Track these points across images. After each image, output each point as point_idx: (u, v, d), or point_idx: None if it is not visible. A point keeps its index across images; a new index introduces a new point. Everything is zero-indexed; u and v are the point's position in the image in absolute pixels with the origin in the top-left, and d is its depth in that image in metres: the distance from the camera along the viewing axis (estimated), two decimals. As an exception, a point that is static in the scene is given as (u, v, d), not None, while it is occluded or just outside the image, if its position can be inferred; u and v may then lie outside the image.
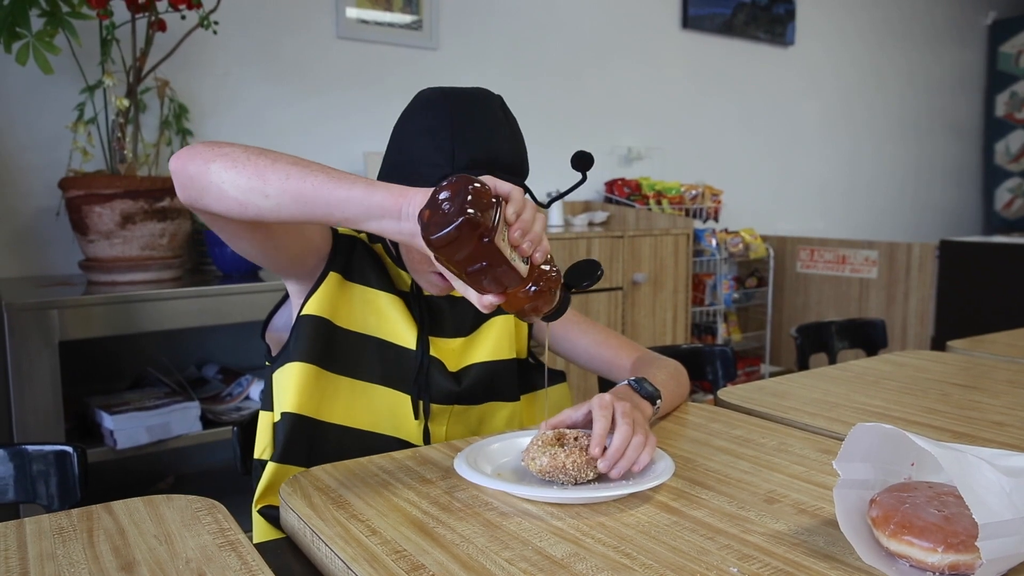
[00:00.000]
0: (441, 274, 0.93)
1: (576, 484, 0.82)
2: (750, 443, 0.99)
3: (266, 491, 1.00)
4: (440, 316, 1.08)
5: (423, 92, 1.00)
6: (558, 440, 0.86)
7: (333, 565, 0.70)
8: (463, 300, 1.08)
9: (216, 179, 0.79)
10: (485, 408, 1.09)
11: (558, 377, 1.21)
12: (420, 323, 1.04)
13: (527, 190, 0.95)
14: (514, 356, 1.12)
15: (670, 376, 1.09)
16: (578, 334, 1.18)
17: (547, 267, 0.78)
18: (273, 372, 1.02)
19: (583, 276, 0.90)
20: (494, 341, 1.10)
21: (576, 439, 0.85)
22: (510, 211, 0.73)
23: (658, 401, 1.00)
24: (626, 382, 1.00)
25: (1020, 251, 3.35)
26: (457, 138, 0.93)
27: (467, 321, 1.10)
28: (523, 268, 0.74)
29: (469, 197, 0.68)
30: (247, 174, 0.77)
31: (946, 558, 0.61)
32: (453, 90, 0.98)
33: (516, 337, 1.14)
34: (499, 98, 1.00)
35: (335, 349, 1.01)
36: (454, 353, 1.08)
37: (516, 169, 0.97)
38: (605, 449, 0.82)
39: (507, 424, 1.10)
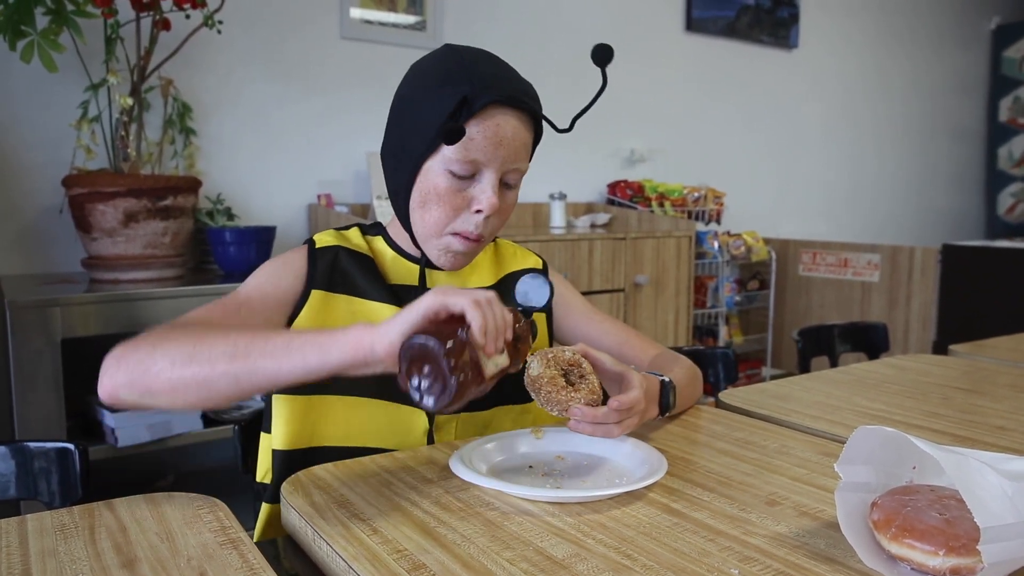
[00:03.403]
0: (463, 235, 0.95)
1: (542, 406, 0.87)
2: (751, 445, 0.99)
3: (266, 528, 0.99)
4: None
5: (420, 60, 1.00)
6: (571, 368, 0.89)
7: (334, 564, 0.70)
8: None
9: (162, 402, 0.79)
10: (493, 412, 1.06)
11: None
12: None
13: (545, 119, 1.00)
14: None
15: (688, 382, 1.09)
16: (600, 333, 1.15)
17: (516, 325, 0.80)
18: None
19: (537, 296, 0.91)
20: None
21: (581, 377, 0.88)
22: (475, 328, 0.73)
23: (666, 414, 1.02)
24: (662, 379, 1.00)
25: (1023, 256, 3.35)
26: (470, 69, 0.93)
27: None
28: (504, 358, 0.77)
29: (445, 361, 0.71)
30: (194, 393, 0.78)
31: (947, 561, 0.61)
32: (451, 44, 0.99)
33: None
34: None
35: None
36: None
37: (531, 92, 0.99)
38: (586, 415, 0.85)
39: (515, 426, 1.07)
